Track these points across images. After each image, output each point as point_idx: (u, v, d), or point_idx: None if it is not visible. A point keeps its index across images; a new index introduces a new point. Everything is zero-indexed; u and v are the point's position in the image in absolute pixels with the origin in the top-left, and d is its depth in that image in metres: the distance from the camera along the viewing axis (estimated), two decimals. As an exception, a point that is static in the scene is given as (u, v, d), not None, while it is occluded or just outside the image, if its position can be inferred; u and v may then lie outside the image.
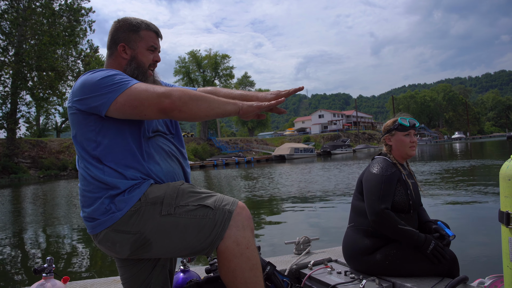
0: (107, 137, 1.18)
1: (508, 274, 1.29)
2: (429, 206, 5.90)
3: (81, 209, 1.23)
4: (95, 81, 1.15)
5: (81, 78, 1.21)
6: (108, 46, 1.33)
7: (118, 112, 1.14)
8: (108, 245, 1.17)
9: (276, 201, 7.81)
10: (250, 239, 1.18)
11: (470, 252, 3.30)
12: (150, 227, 1.15)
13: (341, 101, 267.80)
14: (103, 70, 1.20)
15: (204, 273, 1.68)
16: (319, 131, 68.86)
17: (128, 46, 1.30)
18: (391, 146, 1.87)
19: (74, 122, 1.21)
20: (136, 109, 1.12)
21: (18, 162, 26.11)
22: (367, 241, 1.71)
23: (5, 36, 25.63)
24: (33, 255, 4.50)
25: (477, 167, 12.26)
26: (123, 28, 1.31)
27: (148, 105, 1.11)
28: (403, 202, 1.72)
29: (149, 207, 1.16)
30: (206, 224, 1.16)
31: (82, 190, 1.21)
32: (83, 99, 1.16)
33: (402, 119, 1.85)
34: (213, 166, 31.79)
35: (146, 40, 1.32)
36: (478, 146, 33.70)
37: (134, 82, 1.16)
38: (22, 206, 9.97)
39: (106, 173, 1.17)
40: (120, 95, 1.12)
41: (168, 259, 1.42)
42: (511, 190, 1.28)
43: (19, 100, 27.06)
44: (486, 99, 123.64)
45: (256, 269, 1.17)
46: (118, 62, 1.31)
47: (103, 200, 1.16)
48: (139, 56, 1.30)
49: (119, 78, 1.15)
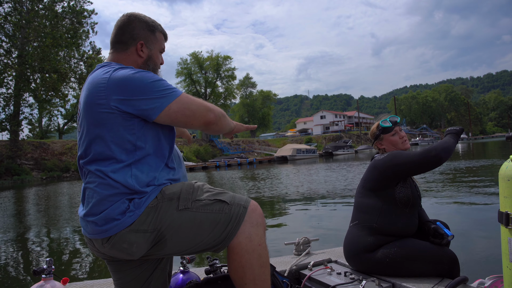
0: (147, 142, 1.16)
1: (507, 274, 1.29)
2: (430, 205, 5.89)
3: (89, 213, 1.13)
4: (146, 83, 1.12)
5: (119, 75, 1.13)
6: (122, 40, 1.26)
7: (168, 119, 1.15)
8: (124, 246, 1.12)
9: (276, 201, 7.81)
10: (263, 237, 1.19)
11: (471, 252, 3.29)
12: (167, 223, 1.13)
13: (342, 102, 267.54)
14: (147, 72, 1.16)
15: (204, 274, 1.68)
16: (321, 132, 68.80)
17: (145, 45, 1.28)
18: (384, 149, 1.90)
19: (106, 122, 1.12)
20: (188, 118, 1.16)
21: (21, 163, 26.23)
22: (370, 239, 1.71)
23: (8, 38, 25.77)
24: (33, 256, 4.50)
25: (479, 167, 12.23)
26: (142, 26, 1.28)
27: (198, 116, 1.17)
28: (407, 197, 1.74)
29: (166, 203, 1.15)
30: (222, 219, 1.16)
31: (99, 193, 1.12)
32: (130, 100, 1.10)
33: (383, 121, 1.87)
34: (216, 167, 31.82)
35: (160, 42, 1.33)
36: (480, 147, 33.58)
37: (181, 90, 1.19)
38: (24, 207, 10.00)
39: (134, 178, 1.13)
40: (173, 102, 1.13)
41: (168, 261, 1.41)
42: (510, 191, 1.28)
43: (22, 102, 27.21)
44: (488, 99, 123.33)
45: (266, 267, 1.18)
46: (134, 59, 1.27)
47: (124, 200, 1.11)
48: (154, 57, 1.30)
49: (168, 84, 1.16)
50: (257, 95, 63.34)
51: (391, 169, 1.72)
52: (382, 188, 1.75)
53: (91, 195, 1.14)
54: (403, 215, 1.73)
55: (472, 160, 16.32)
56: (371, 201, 1.76)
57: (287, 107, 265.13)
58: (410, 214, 1.75)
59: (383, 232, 1.71)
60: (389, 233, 1.71)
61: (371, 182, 1.80)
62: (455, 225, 4.39)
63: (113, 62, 1.24)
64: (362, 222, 1.77)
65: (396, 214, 1.72)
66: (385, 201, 1.74)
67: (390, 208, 1.73)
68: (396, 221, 1.71)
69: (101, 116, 1.12)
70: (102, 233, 1.12)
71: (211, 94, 48.99)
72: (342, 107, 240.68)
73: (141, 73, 1.15)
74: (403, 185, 1.75)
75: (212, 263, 1.69)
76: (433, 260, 1.63)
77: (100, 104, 1.12)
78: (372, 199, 1.77)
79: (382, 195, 1.75)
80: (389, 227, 1.71)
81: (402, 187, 1.74)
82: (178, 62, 49.37)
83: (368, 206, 1.77)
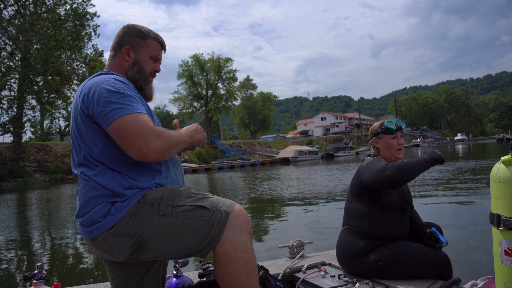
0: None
1: (499, 275, 1.29)
2: (424, 205, 5.87)
3: (77, 214, 1.20)
4: (104, 95, 1.14)
5: (87, 85, 1.20)
6: (113, 47, 1.35)
7: (112, 135, 1.14)
8: (106, 248, 1.16)
9: (273, 203, 7.81)
10: (248, 243, 1.17)
11: (463, 254, 3.29)
12: (148, 228, 1.14)
13: (342, 104, 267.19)
14: (116, 83, 1.18)
15: (197, 278, 1.68)
16: (322, 133, 68.76)
17: (132, 50, 1.33)
18: (378, 149, 1.88)
19: (82, 126, 1.19)
20: (123, 141, 1.12)
21: (24, 166, 26.30)
22: (361, 243, 1.71)
23: (12, 41, 25.88)
24: (25, 261, 4.45)
25: (476, 168, 12.19)
26: (131, 33, 1.34)
27: (132, 145, 1.10)
28: (394, 202, 1.72)
29: (146, 208, 1.15)
30: (203, 225, 1.15)
31: (84, 194, 1.18)
32: (89, 108, 1.17)
33: (389, 122, 1.85)
34: (218, 169, 31.82)
35: (150, 49, 1.35)
36: (481, 148, 33.55)
37: (137, 108, 1.14)
38: (22, 211, 9.99)
39: (116, 180, 1.16)
40: (117, 119, 1.11)
41: (162, 265, 1.41)
42: (501, 192, 1.28)
43: (25, 104, 27.30)
44: (488, 100, 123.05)
45: (253, 273, 1.16)
46: (120, 63, 1.32)
47: (105, 204, 1.15)
48: (142, 61, 1.33)
49: (125, 99, 1.14)
50: (257, 97, 63.39)
51: (360, 178, 1.76)
52: (367, 194, 1.75)
53: (80, 197, 1.21)
54: (392, 219, 1.72)
55: (470, 160, 16.31)
56: (359, 206, 1.76)
57: (287, 108, 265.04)
58: (400, 218, 1.74)
59: (373, 236, 1.71)
60: (379, 237, 1.71)
61: (356, 187, 1.80)
62: (448, 227, 4.38)
63: (105, 70, 1.31)
64: (352, 227, 1.77)
65: (385, 219, 1.72)
66: (372, 206, 1.73)
67: (378, 213, 1.72)
68: (385, 225, 1.71)
69: (78, 121, 1.20)
70: (88, 234, 1.18)
71: (213, 96, 49.04)
72: (342, 108, 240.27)
73: (106, 83, 1.16)
74: (389, 191, 1.73)
75: (205, 266, 1.69)
76: (426, 262, 1.63)
77: (78, 110, 1.20)
78: (360, 204, 1.76)
79: (368, 200, 1.74)
80: (379, 231, 1.71)
81: (387, 193, 1.73)
82: (180, 64, 49.46)
83: (357, 211, 1.77)
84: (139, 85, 1.33)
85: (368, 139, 1.96)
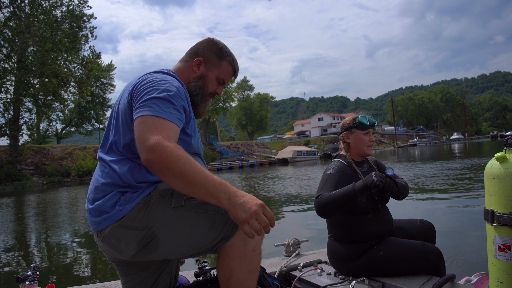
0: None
1: (493, 271, 1.30)
2: (418, 202, 5.88)
3: (89, 198, 1.16)
4: (150, 88, 1.13)
5: (144, 76, 1.19)
6: (189, 53, 1.35)
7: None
8: (113, 242, 1.10)
9: (268, 203, 7.78)
10: (259, 242, 1.14)
11: (458, 250, 3.30)
12: (159, 221, 1.09)
13: (338, 104, 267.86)
14: (166, 83, 1.14)
15: (193, 277, 1.68)
16: (319, 134, 68.88)
17: (204, 64, 1.31)
18: (349, 144, 1.84)
19: (120, 115, 1.18)
20: (136, 137, 1.07)
21: (21, 169, 26.11)
22: (349, 248, 1.70)
23: (7, 43, 25.72)
24: (19, 263, 4.39)
25: (471, 166, 12.26)
26: (211, 47, 1.33)
27: (140, 142, 1.05)
28: (364, 206, 1.69)
29: (158, 200, 1.10)
30: (218, 220, 1.11)
31: (97, 180, 1.15)
32: (133, 97, 1.16)
33: (363, 117, 1.82)
34: (217, 170, 31.76)
35: (222, 70, 1.33)
36: (476, 146, 33.76)
37: (171, 115, 1.07)
38: (18, 214, 9.92)
39: (131, 172, 1.12)
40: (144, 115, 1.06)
41: (174, 265, 1.38)
42: (495, 189, 1.29)
43: (21, 107, 27.13)
44: (482, 100, 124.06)
45: (254, 274, 1.14)
46: (188, 71, 1.31)
47: (116, 193, 1.11)
48: (208, 79, 1.31)
49: (167, 102, 1.09)
50: (254, 98, 63.43)
51: None
52: None
53: (93, 182, 1.19)
54: (369, 222, 1.70)
55: (465, 159, 16.40)
56: (334, 216, 1.74)
57: (283, 109, 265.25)
58: (376, 218, 1.72)
59: (358, 240, 1.70)
60: (364, 239, 1.70)
61: None
62: (442, 223, 4.41)
63: (172, 70, 1.30)
64: (335, 236, 1.77)
65: (362, 222, 1.70)
66: (346, 214, 1.72)
67: (353, 219, 1.71)
68: (365, 228, 1.70)
69: (123, 106, 1.17)
70: (95, 225, 1.13)
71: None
72: (338, 109, 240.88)
73: (161, 82, 1.12)
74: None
75: (202, 265, 1.69)
76: (419, 258, 1.63)
77: (127, 95, 1.18)
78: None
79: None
80: (362, 235, 1.70)
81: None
82: (176, 66, 49.48)
83: (335, 221, 1.76)
84: (195, 100, 1.29)
85: (339, 133, 1.91)
